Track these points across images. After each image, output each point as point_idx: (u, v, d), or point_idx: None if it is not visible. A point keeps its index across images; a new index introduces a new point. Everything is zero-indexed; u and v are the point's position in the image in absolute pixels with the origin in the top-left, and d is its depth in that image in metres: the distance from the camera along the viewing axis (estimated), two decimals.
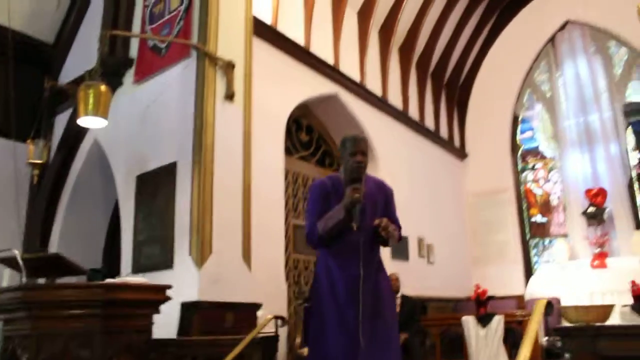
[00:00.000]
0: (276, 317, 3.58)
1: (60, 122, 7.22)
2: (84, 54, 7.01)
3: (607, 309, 2.47)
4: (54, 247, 6.73)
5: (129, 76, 6.41)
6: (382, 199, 3.38)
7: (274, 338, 3.40)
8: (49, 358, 3.58)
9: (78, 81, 6.18)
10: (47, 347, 3.61)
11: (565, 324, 2.63)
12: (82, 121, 5.10)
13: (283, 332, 5.50)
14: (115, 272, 5.61)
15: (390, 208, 3.42)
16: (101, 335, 3.57)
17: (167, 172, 5.51)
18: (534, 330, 2.17)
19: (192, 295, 4.82)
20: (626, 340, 2.31)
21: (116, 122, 6.02)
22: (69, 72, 7.30)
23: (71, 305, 3.67)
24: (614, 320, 3.32)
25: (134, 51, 6.36)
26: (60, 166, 6.96)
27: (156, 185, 5.59)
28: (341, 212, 3.07)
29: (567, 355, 2.40)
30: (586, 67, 10.15)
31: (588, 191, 9.33)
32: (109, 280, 3.76)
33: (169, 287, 3.94)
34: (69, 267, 4.02)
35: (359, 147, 3.26)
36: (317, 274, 3.29)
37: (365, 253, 3.16)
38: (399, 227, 3.37)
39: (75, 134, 6.84)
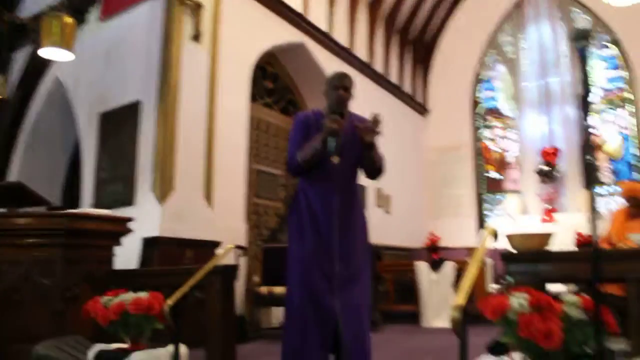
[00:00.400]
0: (237, 247, 3.68)
1: (20, 58, 7.05)
2: None
3: (547, 237, 2.69)
4: None
5: (94, 13, 6.30)
6: None
7: (234, 267, 3.51)
8: (10, 284, 3.64)
9: (39, 17, 6.04)
10: (9, 274, 3.66)
11: None
12: (46, 52, 5.00)
13: (242, 272, 5.64)
14: None
15: None
16: (62, 264, 3.63)
17: (131, 111, 5.50)
18: (482, 253, 2.33)
19: (153, 231, 4.90)
20: (562, 264, 2.55)
21: (79, 59, 5.94)
22: (28, 8, 7.09)
23: (33, 233, 3.72)
24: None
25: None
26: (19, 103, 6.85)
27: (119, 124, 5.58)
28: (319, 142, 3.19)
29: (510, 279, 2.59)
30: (549, 32, 10.37)
31: (543, 150, 9.65)
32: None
33: (130, 219, 4.00)
34: (30, 196, 4.05)
35: (343, 82, 3.37)
36: (296, 199, 3.42)
37: (343, 185, 3.31)
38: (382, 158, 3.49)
39: (35, 71, 6.72)
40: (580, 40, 1.57)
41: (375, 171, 3.46)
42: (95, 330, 3.32)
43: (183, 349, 2.88)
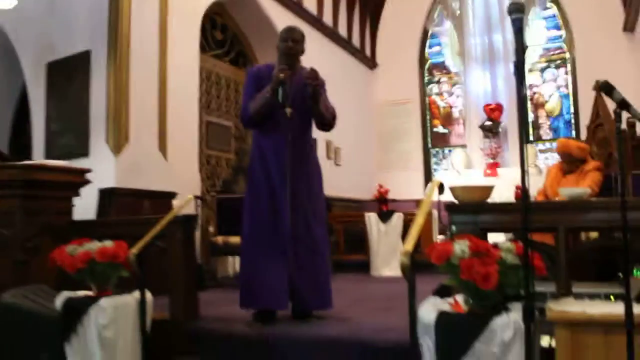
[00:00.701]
0: (196, 197, 3.81)
1: None
2: None
3: (488, 189, 2.93)
4: None
5: None
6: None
7: (194, 217, 3.64)
8: None
9: None
10: None
11: None
12: None
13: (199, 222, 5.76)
14: None
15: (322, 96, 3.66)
16: (21, 215, 3.66)
17: (81, 60, 5.43)
18: (428, 204, 2.54)
19: (109, 183, 4.95)
20: (500, 214, 2.81)
21: (21, 5, 5.77)
22: None
23: None
24: None
25: None
26: None
27: (69, 74, 5.50)
28: (268, 92, 3.34)
29: (453, 228, 2.83)
30: None
31: (487, 106, 9.99)
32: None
33: (88, 170, 4.05)
34: None
35: (291, 34, 3.51)
36: (251, 155, 3.57)
37: (296, 136, 3.47)
38: (333, 110, 3.64)
39: None
40: (516, 13, 1.74)
41: (325, 123, 3.63)
42: (58, 279, 3.41)
43: (148, 295, 3.03)
